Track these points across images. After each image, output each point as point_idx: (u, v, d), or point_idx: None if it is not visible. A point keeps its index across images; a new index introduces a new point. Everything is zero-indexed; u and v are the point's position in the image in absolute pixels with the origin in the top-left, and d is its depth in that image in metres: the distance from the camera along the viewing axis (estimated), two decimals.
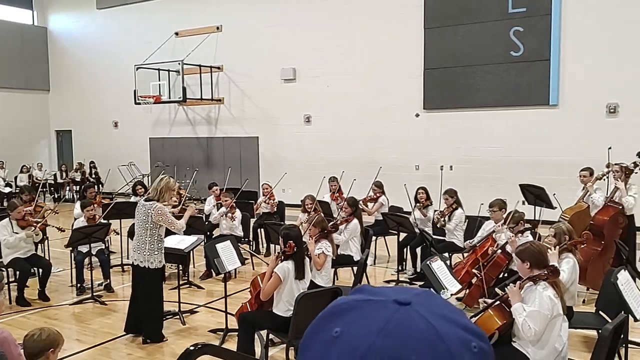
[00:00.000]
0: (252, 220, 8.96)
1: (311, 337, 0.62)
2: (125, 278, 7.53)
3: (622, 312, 4.02)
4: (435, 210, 7.87)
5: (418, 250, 7.48)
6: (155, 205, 5.11)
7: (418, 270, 7.20)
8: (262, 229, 8.78)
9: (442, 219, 7.47)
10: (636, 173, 6.48)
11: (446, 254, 7.18)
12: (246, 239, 8.45)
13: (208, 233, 8.32)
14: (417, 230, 7.41)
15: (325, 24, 13.45)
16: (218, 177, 13.37)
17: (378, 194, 8.84)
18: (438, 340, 0.57)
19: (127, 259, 7.41)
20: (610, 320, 3.92)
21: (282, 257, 4.46)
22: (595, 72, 10.57)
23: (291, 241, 4.39)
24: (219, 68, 15.23)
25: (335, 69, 13.38)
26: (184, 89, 14.22)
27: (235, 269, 7.24)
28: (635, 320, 4.10)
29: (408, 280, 7.39)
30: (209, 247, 5.42)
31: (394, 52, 12.59)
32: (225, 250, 5.39)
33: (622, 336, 4.10)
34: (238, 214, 8.17)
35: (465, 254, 6.74)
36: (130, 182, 12.41)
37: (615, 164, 6.52)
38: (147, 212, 5.13)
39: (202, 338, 5.44)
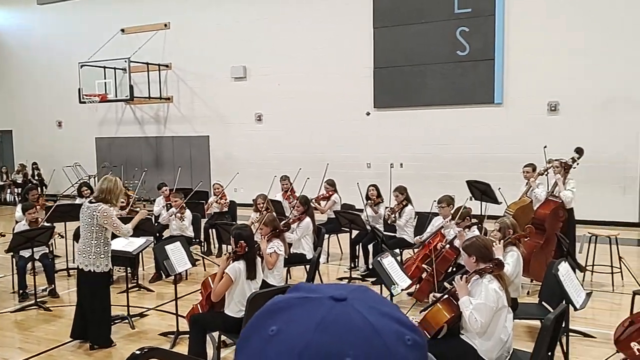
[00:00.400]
0: (203, 221, 8.84)
1: (248, 336, 0.62)
2: (71, 283, 7.28)
3: (563, 302, 4.20)
4: (386, 207, 8.00)
5: (370, 247, 7.57)
6: (100, 207, 4.96)
7: (370, 266, 7.28)
8: (214, 229, 8.67)
9: (393, 215, 7.60)
10: (574, 168, 6.76)
11: (397, 250, 7.32)
12: (197, 240, 8.32)
13: (157, 234, 8.15)
14: (368, 228, 7.50)
15: (276, 22, 13.42)
16: (168, 177, 13.12)
17: (330, 192, 8.89)
18: (374, 334, 0.58)
19: (73, 263, 7.18)
20: (552, 310, 4.08)
21: (233, 258, 4.42)
22: (536, 71, 10.97)
23: (242, 241, 4.36)
24: (167, 66, 14.94)
25: (286, 67, 13.36)
26: (131, 87, 13.87)
27: (186, 271, 7.13)
28: (575, 309, 4.28)
29: (360, 277, 7.46)
30: (158, 249, 5.31)
31: (345, 51, 12.68)
32: (175, 251, 5.29)
33: (563, 325, 4.28)
34: (188, 214, 8.04)
35: (416, 250, 6.87)
36: (76, 183, 12.02)
37: (555, 160, 6.78)
38: (92, 214, 4.97)
39: (153, 342, 5.33)
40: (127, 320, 5.77)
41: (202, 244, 8.73)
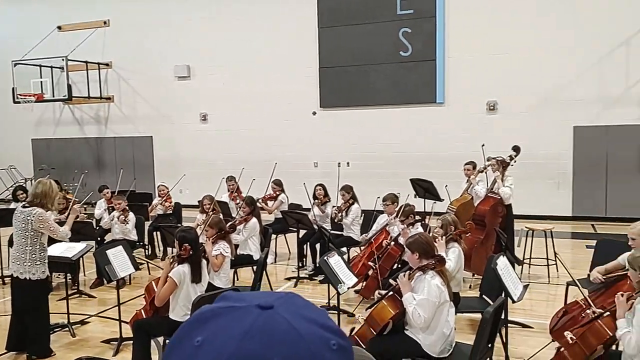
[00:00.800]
0: (147, 224, 8.63)
1: (173, 347, 0.62)
2: (6, 291, 6.95)
3: (502, 294, 4.36)
4: (333, 206, 8.07)
5: (317, 246, 7.61)
6: (35, 212, 4.75)
7: (318, 266, 7.32)
8: (158, 232, 8.49)
9: (340, 214, 7.68)
10: (512, 165, 7.03)
11: (344, 249, 7.40)
12: (141, 243, 8.12)
13: (99, 239, 7.90)
14: (315, 227, 7.54)
15: (220, 20, 13.26)
16: (110, 179, 12.73)
17: (277, 192, 8.88)
18: (299, 340, 0.59)
19: (7, 270, 6.86)
20: (492, 303, 4.23)
21: (178, 261, 4.34)
22: (476, 71, 11.32)
23: (187, 244, 4.29)
24: (107, 65, 14.49)
25: (231, 66, 13.23)
26: (69, 87, 13.37)
27: (130, 275, 6.95)
28: (513, 301, 4.46)
29: (308, 277, 7.49)
30: (99, 254, 5.16)
31: (290, 50, 12.68)
32: (117, 256, 5.15)
33: (502, 317, 4.44)
34: (131, 217, 7.83)
35: (362, 248, 6.96)
36: (11, 187, 11.50)
37: (493, 158, 7.03)
38: (26, 219, 4.76)
39: (95, 350, 5.17)
40: (67, 328, 5.57)
41: (147, 247, 8.53)
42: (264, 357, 0.57)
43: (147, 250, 8.54)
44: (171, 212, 9.01)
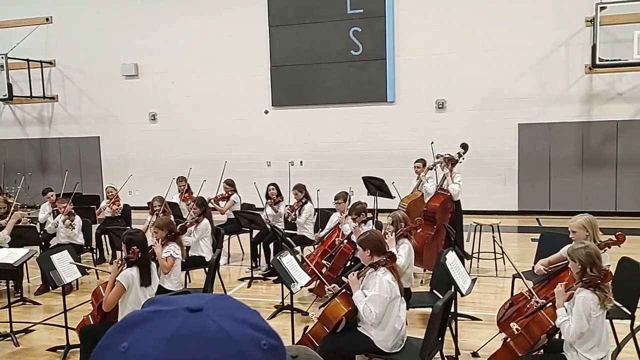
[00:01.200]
0: (95, 227, 8.39)
1: (98, 356, 0.60)
2: None
3: (452, 288, 4.47)
4: (286, 206, 8.05)
5: (271, 246, 7.58)
6: None
7: (271, 266, 7.29)
8: (106, 236, 8.26)
9: (293, 213, 7.67)
10: (460, 162, 7.20)
11: (297, 248, 7.40)
12: (88, 247, 7.88)
13: (44, 243, 7.63)
14: (269, 227, 7.51)
15: (168, 18, 12.99)
16: (55, 181, 12.31)
17: (230, 192, 8.79)
18: (229, 342, 0.58)
19: None
20: (442, 297, 4.32)
21: (126, 264, 4.24)
22: (425, 70, 11.54)
23: (134, 246, 4.19)
24: (50, 63, 13.98)
25: (181, 65, 13.00)
26: (10, 86, 12.82)
27: (77, 280, 6.76)
28: (462, 295, 4.57)
29: (262, 277, 7.45)
30: (43, 259, 4.97)
31: (241, 49, 12.57)
32: (62, 261, 4.98)
33: (452, 310, 4.55)
34: (78, 220, 7.58)
35: (316, 246, 6.98)
36: None
37: (442, 155, 7.18)
38: None
39: (40, 358, 4.99)
40: (10, 338, 5.35)
41: (94, 251, 8.28)
42: None
43: (95, 255, 8.29)
44: (120, 214, 8.78)
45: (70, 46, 13.72)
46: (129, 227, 7.64)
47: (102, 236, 8.47)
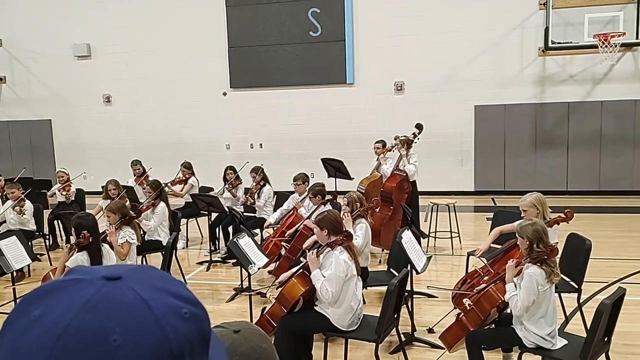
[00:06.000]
0: (47, 212, 8.14)
1: (11, 322, 0.58)
2: None
3: (408, 267, 4.54)
4: (244, 188, 8.00)
5: (230, 229, 7.53)
6: None
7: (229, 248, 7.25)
8: (59, 221, 8.03)
9: (251, 196, 7.63)
10: (416, 143, 7.27)
11: (257, 230, 7.38)
12: (40, 233, 7.65)
13: None
14: (227, 210, 7.44)
15: None
16: (4, 166, 11.90)
17: (187, 175, 8.66)
18: (145, 310, 0.57)
19: None
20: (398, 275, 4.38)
21: (76, 249, 4.13)
22: (384, 52, 11.57)
23: (85, 231, 4.08)
24: None
25: (135, 45, 12.64)
26: None
27: (29, 267, 6.58)
28: (417, 273, 4.66)
29: (221, 260, 7.41)
30: None
31: (198, 29, 12.31)
32: (11, 247, 4.83)
33: (408, 288, 4.63)
34: (29, 206, 7.32)
35: (275, 228, 6.96)
36: None
37: (399, 136, 7.24)
38: None
39: None
40: None
41: (47, 237, 8.04)
42: (104, 328, 0.55)
43: (47, 241, 8.06)
44: (73, 199, 8.53)
45: (18, 24, 13.15)
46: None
47: (55, 222, 8.23)
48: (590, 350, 3.23)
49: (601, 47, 9.48)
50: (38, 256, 7.57)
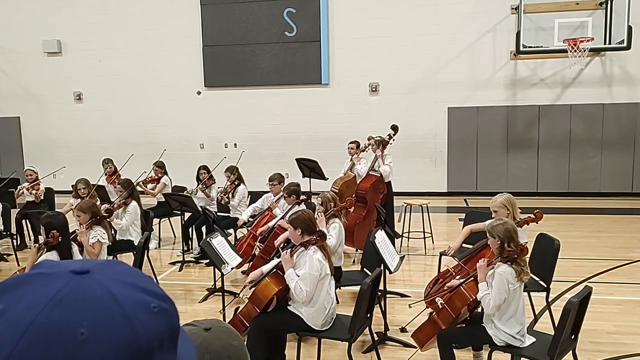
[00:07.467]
0: (15, 212, 7.95)
1: None
2: None
3: (381, 266, 4.57)
4: (218, 188, 7.95)
5: (203, 228, 7.47)
6: None
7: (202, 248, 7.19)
8: (27, 220, 7.86)
9: (225, 196, 7.58)
10: (391, 144, 7.33)
11: (231, 230, 7.34)
12: (8, 233, 7.47)
13: None
14: (200, 209, 7.38)
15: None
16: None
17: (160, 175, 8.55)
18: (113, 304, 0.56)
19: None
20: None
21: (45, 249, 4.05)
22: (359, 54, 11.63)
23: (54, 230, 4.00)
24: None
25: (108, 43, 12.45)
26: None
27: None
28: (390, 272, 4.69)
29: (194, 260, 7.34)
30: None
31: (172, 27, 12.18)
32: None
33: (382, 287, 4.66)
34: None
35: (249, 228, 6.93)
36: None
37: (374, 137, 7.29)
38: None
39: None
40: None
41: (15, 237, 7.86)
42: (71, 323, 0.54)
43: (15, 241, 7.87)
44: (42, 198, 8.35)
45: None
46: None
47: (23, 221, 8.05)
48: (557, 348, 3.30)
49: (570, 51, 9.69)
50: (5, 256, 7.41)
